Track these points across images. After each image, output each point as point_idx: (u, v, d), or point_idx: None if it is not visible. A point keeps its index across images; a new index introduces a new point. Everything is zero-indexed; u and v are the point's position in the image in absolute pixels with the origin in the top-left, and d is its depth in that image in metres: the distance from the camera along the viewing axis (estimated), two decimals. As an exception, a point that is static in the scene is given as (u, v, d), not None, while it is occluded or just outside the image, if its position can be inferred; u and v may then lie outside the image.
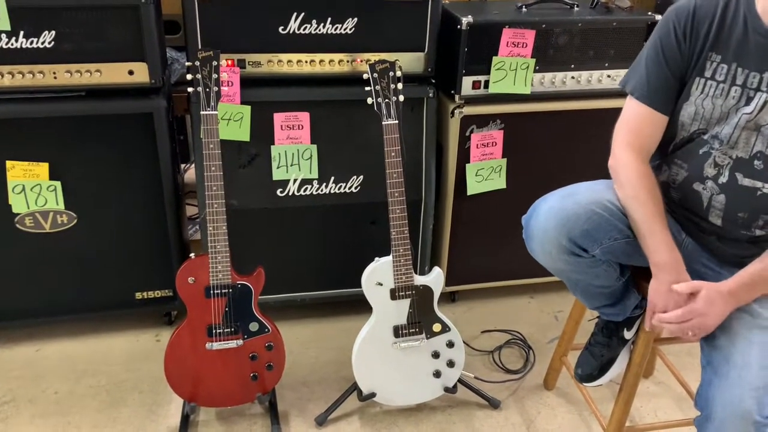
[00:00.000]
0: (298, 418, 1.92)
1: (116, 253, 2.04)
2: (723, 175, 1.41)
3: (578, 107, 2.14)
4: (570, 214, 1.44)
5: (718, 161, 1.41)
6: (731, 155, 1.39)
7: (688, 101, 1.43)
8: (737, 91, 1.36)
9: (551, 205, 1.48)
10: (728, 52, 1.37)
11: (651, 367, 2.12)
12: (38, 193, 1.90)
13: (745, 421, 1.27)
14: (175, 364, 1.75)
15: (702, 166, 1.44)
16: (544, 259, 1.53)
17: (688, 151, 1.47)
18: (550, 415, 1.99)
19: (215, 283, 1.68)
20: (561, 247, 1.46)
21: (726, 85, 1.37)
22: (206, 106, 1.63)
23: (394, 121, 1.71)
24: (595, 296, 1.62)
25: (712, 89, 1.39)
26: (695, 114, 1.42)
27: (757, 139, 1.35)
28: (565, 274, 1.59)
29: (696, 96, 1.42)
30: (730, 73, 1.37)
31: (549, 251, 1.49)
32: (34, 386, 2.00)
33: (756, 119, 1.34)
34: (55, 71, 1.79)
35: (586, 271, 1.52)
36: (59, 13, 1.73)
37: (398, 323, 1.81)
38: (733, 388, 1.30)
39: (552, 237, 1.47)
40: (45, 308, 2.08)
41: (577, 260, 1.49)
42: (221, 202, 1.64)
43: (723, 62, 1.37)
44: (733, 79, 1.36)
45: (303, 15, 1.87)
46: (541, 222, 1.48)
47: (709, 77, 1.39)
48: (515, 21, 1.99)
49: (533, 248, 1.54)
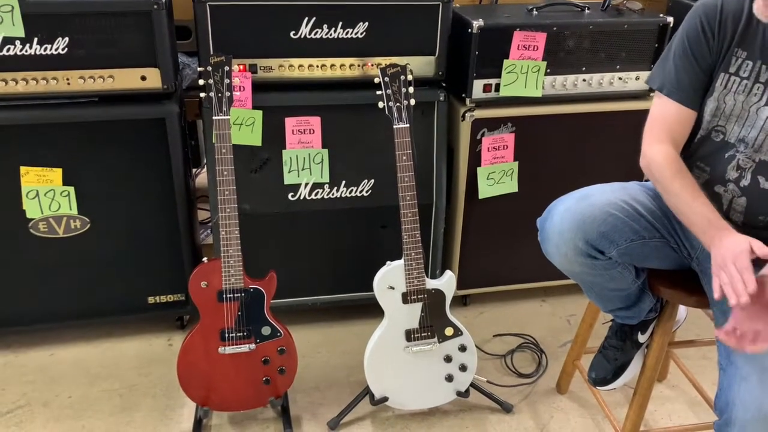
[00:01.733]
0: (311, 422, 1.92)
1: (129, 257, 2.05)
2: (745, 178, 1.40)
3: (590, 110, 2.13)
4: (586, 216, 1.44)
5: (742, 164, 1.40)
6: (755, 158, 1.39)
7: (712, 97, 1.42)
8: (759, 89, 1.36)
9: (567, 207, 1.47)
10: (754, 49, 1.36)
11: (665, 370, 2.11)
12: (52, 199, 1.91)
13: (767, 423, 1.26)
14: (188, 368, 1.76)
15: (725, 168, 1.43)
16: (560, 261, 1.52)
17: (711, 154, 1.46)
18: (563, 419, 1.98)
19: (228, 288, 1.69)
20: (577, 249, 1.46)
21: (749, 81, 1.37)
22: (218, 111, 1.64)
23: (405, 124, 1.71)
24: (610, 299, 1.61)
25: (735, 85, 1.39)
26: (716, 110, 1.42)
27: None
28: (580, 277, 1.58)
29: (719, 91, 1.41)
30: (755, 70, 1.36)
31: (565, 253, 1.49)
32: (48, 390, 2.01)
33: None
34: (68, 77, 1.80)
35: (602, 274, 1.51)
36: (72, 19, 1.74)
37: (410, 327, 1.80)
38: (754, 392, 1.28)
39: (568, 239, 1.46)
40: (58, 313, 2.09)
41: (593, 262, 1.48)
42: (233, 207, 1.65)
43: (749, 59, 1.37)
44: (757, 77, 1.36)
45: (314, 20, 1.87)
46: (557, 224, 1.48)
47: (733, 73, 1.39)
48: (526, 24, 1.99)
49: (549, 250, 1.53)
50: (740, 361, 1.33)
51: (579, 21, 2.03)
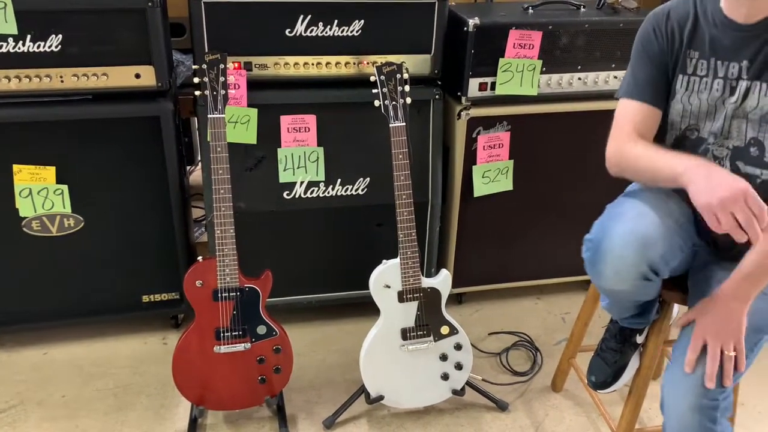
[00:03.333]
0: (306, 421, 1.92)
1: (123, 256, 2.04)
2: (725, 167, 1.41)
3: (585, 108, 2.14)
4: (649, 238, 1.36)
5: (717, 154, 1.42)
6: (727, 146, 1.40)
7: (675, 99, 1.45)
8: (720, 83, 1.39)
9: (631, 229, 1.37)
10: (704, 48, 1.40)
11: (660, 368, 2.11)
12: (45, 197, 1.90)
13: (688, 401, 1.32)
14: (183, 367, 1.75)
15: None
16: (614, 283, 1.42)
17: (684, 151, 1.45)
18: (558, 417, 1.98)
19: (223, 286, 1.68)
20: (639, 273, 1.38)
21: (708, 78, 1.40)
22: (213, 109, 1.63)
23: (401, 123, 1.71)
24: (629, 309, 1.60)
25: (695, 84, 1.42)
26: (683, 111, 1.44)
27: (747, 126, 1.37)
28: (621, 294, 1.50)
29: (681, 93, 1.44)
30: (711, 66, 1.40)
31: (624, 278, 1.39)
32: (41, 390, 2.00)
33: (743, 107, 1.36)
34: (62, 75, 1.79)
35: (645, 292, 1.46)
36: (66, 17, 1.73)
37: (406, 326, 1.80)
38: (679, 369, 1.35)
39: (631, 264, 1.37)
40: (52, 311, 2.08)
41: (646, 284, 1.41)
42: (229, 205, 1.64)
43: (702, 58, 1.41)
44: (714, 72, 1.39)
45: (309, 17, 1.87)
46: (618, 247, 1.37)
47: (691, 73, 1.42)
48: (522, 22, 1.98)
49: (604, 272, 1.42)
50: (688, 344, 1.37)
51: (574, 19, 2.04)
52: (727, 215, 1.18)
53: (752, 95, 1.36)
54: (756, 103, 1.35)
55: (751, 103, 1.36)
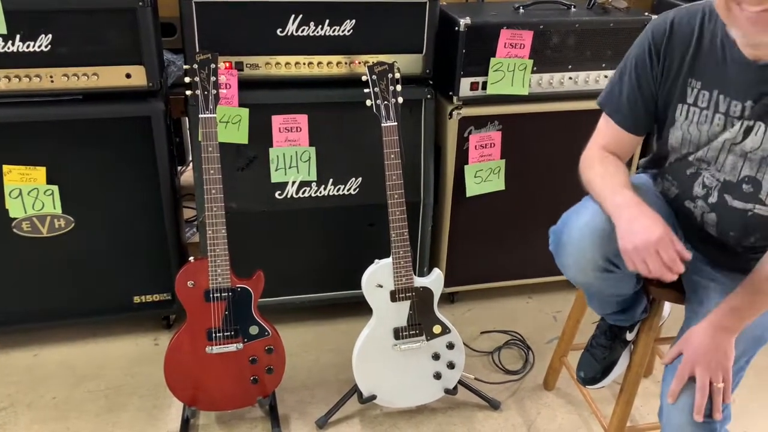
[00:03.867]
0: (299, 421, 1.92)
1: (114, 256, 2.03)
2: (712, 196, 1.40)
3: (576, 108, 2.14)
4: (606, 232, 1.36)
5: (707, 182, 1.40)
6: (719, 178, 1.37)
7: (674, 126, 1.41)
8: (721, 119, 1.33)
9: (586, 222, 1.41)
10: (707, 78, 1.34)
11: (650, 366, 2.13)
12: (35, 198, 1.89)
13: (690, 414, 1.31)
14: (175, 368, 1.74)
15: (692, 185, 1.43)
16: (574, 274, 1.49)
17: (677, 170, 1.46)
18: (550, 415, 1.99)
19: (215, 287, 1.68)
20: (596, 265, 1.41)
21: (709, 112, 1.34)
22: (205, 109, 1.63)
23: (393, 122, 1.71)
24: (610, 304, 1.61)
25: (695, 116, 1.37)
26: (683, 139, 1.41)
27: (744, 164, 1.33)
28: (588, 286, 1.55)
29: (681, 122, 1.39)
30: (713, 100, 1.33)
31: (583, 268, 1.44)
32: (32, 392, 1.99)
33: (741, 145, 1.32)
34: (51, 75, 1.78)
35: (613, 284, 1.48)
36: (56, 16, 1.72)
37: (398, 325, 1.81)
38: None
39: (588, 256, 1.41)
40: (43, 313, 2.07)
41: (608, 276, 1.44)
42: (220, 206, 1.64)
43: (704, 89, 1.34)
44: (716, 107, 1.33)
45: (301, 17, 1.86)
46: (576, 240, 1.42)
47: (691, 104, 1.37)
48: (513, 22, 1.99)
49: (565, 263, 1.48)
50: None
51: (565, 19, 2.04)
52: (642, 263, 1.25)
53: (754, 136, 1.30)
54: (758, 145, 1.30)
55: (751, 143, 1.31)
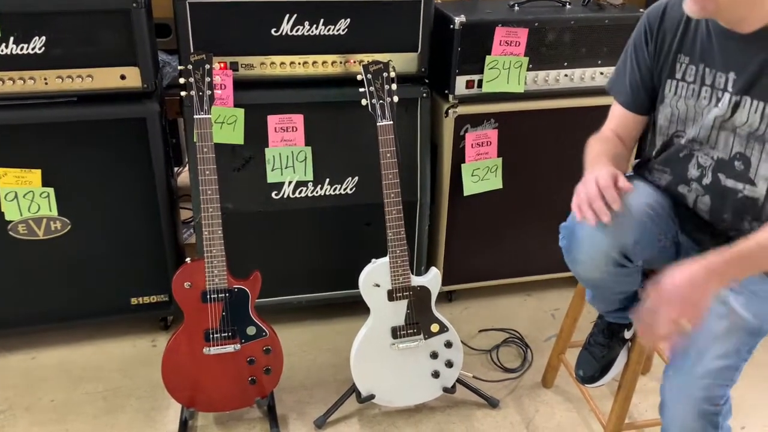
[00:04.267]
0: (297, 421, 1.92)
1: (111, 258, 2.03)
2: (706, 176, 1.41)
3: (572, 105, 2.14)
4: (623, 224, 1.36)
5: (701, 162, 1.42)
6: (712, 156, 1.40)
7: (663, 103, 1.46)
8: (707, 92, 1.38)
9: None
10: (695, 53, 1.39)
11: (648, 363, 2.13)
12: (31, 200, 1.88)
13: (692, 408, 1.31)
14: (173, 369, 1.74)
15: (686, 167, 1.44)
16: (586, 269, 1.46)
17: (669, 156, 1.48)
18: (548, 413, 1.99)
19: (212, 288, 1.67)
20: (610, 258, 1.40)
21: (696, 85, 1.39)
22: (200, 110, 1.63)
23: (388, 121, 1.71)
24: (613, 302, 1.61)
25: (683, 90, 1.42)
26: (671, 116, 1.45)
27: (734, 140, 1.36)
28: (596, 282, 1.54)
29: (670, 98, 1.44)
30: (699, 73, 1.39)
31: (597, 263, 1.42)
32: (30, 394, 1.98)
33: (731, 120, 1.35)
34: (46, 77, 1.77)
35: (621, 280, 1.48)
36: (49, 18, 1.71)
37: (396, 324, 1.81)
38: (684, 376, 1.34)
39: (603, 249, 1.39)
40: (40, 315, 2.07)
41: (620, 271, 1.43)
42: (216, 206, 1.64)
43: (691, 63, 1.40)
44: (702, 80, 1.38)
45: (295, 16, 1.86)
46: (589, 233, 1.39)
47: (680, 78, 1.42)
48: (508, 20, 1.99)
49: (577, 258, 1.46)
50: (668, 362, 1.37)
51: (560, 16, 2.04)
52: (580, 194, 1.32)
53: (741, 110, 1.33)
54: (745, 119, 1.33)
55: (740, 118, 1.33)
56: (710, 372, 1.31)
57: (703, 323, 1.29)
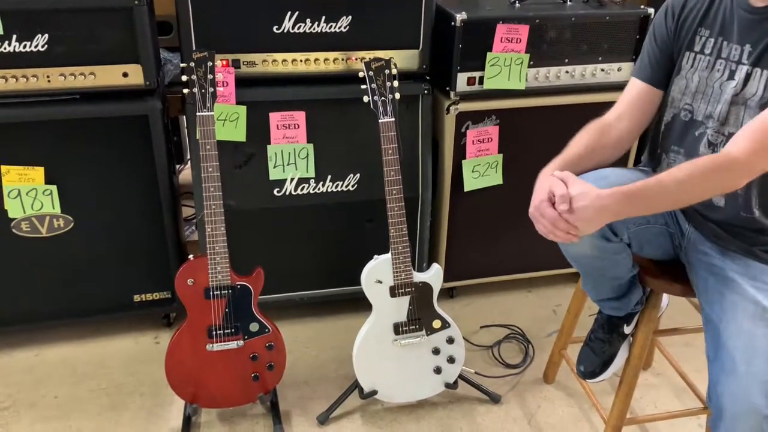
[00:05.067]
0: (300, 417, 1.93)
1: (113, 255, 2.04)
2: (717, 153, 1.41)
3: (573, 101, 2.15)
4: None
5: (712, 140, 1.43)
6: (724, 132, 1.41)
7: (679, 75, 1.48)
8: (722, 64, 1.40)
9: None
10: (715, 27, 1.42)
11: (650, 358, 2.14)
12: (34, 198, 1.89)
13: (756, 414, 1.26)
14: (176, 365, 1.75)
15: (697, 147, 1.45)
16: (577, 244, 1.47)
17: (682, 134, 1.49)
18: (550, 408, 2.00)
19: (215, 285, 1.68)
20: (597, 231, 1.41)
21: (712, 58, 1.42)
22: (202, 107, 1.63)
23: (390, 118, 1.71)
24: (604, 288, 1.62)
25: (700, 62, 1.44)
26: (685, 88, 1.47)
27: (745, 113, 1.38)
28: (585, 260, 1.58)
29: (686, 70, 1.47)
30: (716, 46, 1.41)
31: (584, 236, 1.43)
32: (34, 391, 1.99)
33: (742, 93, 1.37)
34: (48, 75, 1.78)
35: (609, 258, 1.51)
36: (52, 16, 1.72)
37: (398, 320, 1.81)
38: (741, 383, 1.29)
39: None
40: (43, 313, 2.07)
41: (605, 245, 1.48)
42: (219, 203, 1.64)
43: (711, 36, 1.43)
44: (718, 53, 1.41)
45: (297, 14, 1.86)
46: None
47: (698, 51, 1.45)
48: (509, 16, 1.99)
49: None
50: (726, 352, 1.33)
51: (561, 13, 2.04)
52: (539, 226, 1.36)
53: (752, 82, 1.35)
54: (755, 90, 1.35)
55: (750, 89, 1.36)
56: (766, 374, 1.28)
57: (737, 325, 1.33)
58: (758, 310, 1.34)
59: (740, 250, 1.44)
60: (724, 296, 1.40)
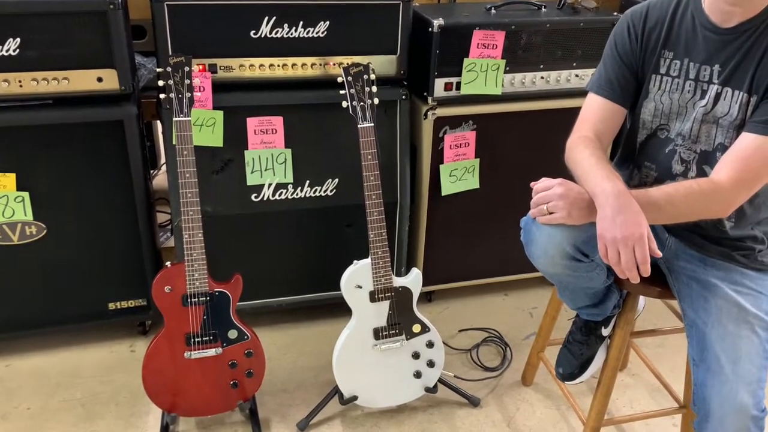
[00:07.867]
0: (280, 424, 1.91)
1: (88, 263, 2.00)
2: (691, 170, 1.45)
3: (548, 107, 2.18)
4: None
5: (684, 157, 1.46)
6: (695, 149, 1.44)
7: (648, 98, 1.49)
8: (691, 85, 1.43)
9: None
10: (679, 48, 1.44)
11: (625, 359, 2.17)
12: (5, 205, 1.85)
13: (743, 415, 1.30)
14: (153, 374, 1.72)
15: (670, 163, 1.48)
16: (544, 263, 1.49)
17: (653, 151, 1.51)
18: (529, 410, 2.02)
19: (192, 292, 1.66)
20: (564, 252, 1.42)
21: (680, 80, 1.44)
22: (179, 113, 1.62)
23: (369, 123, 1.72)
24: (581, 297, 1.64)
25: (668, 85, 1.46)
26: (655, 110, 1.49)
27: (717, 131, 1.40)
28: (558, 278, 1.57)
29: (654, 92, 1.48)
30: (683, 68, 1.43)
31: (552, 256, 1.45)
32: (5, 403, 1.95)
33: (713, 112, 1.40)
34: (20, 79, 1.74)
35: (582, 275, 1.51)
36: (24, 19, 1.68)
37: (378, 325, 1.81)
38: (729, 384, 1.31)
39: (557, 243, 1.42)
40: (15, 322, 2.03)
41: (576, 265, 1.46)
42: (197, 209, 1.63)
43: (675, 58, 1.44)
44: (686, 74, 1.43)
45: (275, 19, 1.86)
46: (545, 227, 1.42)
47: (664, 73, 1.46)
48: (485, 23, 2.01)
49: (534, 252, 1.49)
50: (712, 355, 1.36)
51: (536, 19, 2.07)
52: (615, 252, 1.26)
53: (723, 101, 1.38)
54: (727, 110, 1.38)
55: (721, 109, 1.38)
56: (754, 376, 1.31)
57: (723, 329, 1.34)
58: (741, 313, 1.38)
59: (721, 255, 1.47)
60: (708, 301, 1.43)
